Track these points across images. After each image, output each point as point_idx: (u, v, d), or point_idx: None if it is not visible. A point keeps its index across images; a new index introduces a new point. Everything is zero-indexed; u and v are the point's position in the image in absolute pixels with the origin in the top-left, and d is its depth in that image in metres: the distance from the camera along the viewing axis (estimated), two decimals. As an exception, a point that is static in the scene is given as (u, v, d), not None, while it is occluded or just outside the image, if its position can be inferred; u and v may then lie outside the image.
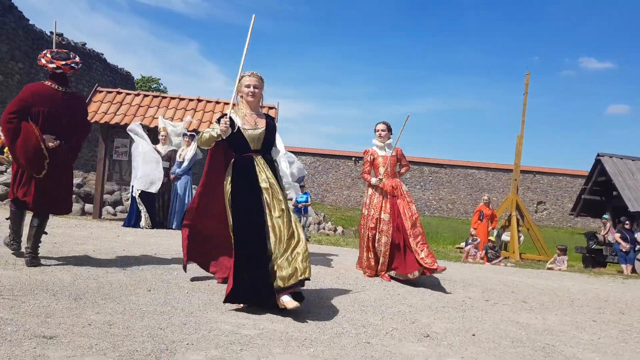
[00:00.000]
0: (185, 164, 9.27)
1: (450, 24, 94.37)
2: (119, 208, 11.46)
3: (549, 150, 75.66)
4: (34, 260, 4.40)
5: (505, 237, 13.82)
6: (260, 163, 3.91)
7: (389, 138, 5.81)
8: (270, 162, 3.99)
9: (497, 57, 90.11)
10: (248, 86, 3.96)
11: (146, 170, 8.87)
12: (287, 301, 3.57)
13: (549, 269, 10.51)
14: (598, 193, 15.56)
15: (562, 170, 33.42)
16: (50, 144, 4.40)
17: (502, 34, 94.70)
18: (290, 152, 6.65)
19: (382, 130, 5.76)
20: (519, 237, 13.64)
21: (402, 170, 5.92)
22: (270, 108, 10.98)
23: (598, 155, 15.04)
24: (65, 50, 4.72)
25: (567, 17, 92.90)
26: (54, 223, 7.43)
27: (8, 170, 11.38)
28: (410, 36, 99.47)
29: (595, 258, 12.80)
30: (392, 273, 5.52)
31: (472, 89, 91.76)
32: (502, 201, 17.50)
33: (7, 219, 4.80)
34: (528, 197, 32.30)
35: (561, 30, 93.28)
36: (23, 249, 4.55)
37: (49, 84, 4.52)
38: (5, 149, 12.68)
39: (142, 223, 8.80)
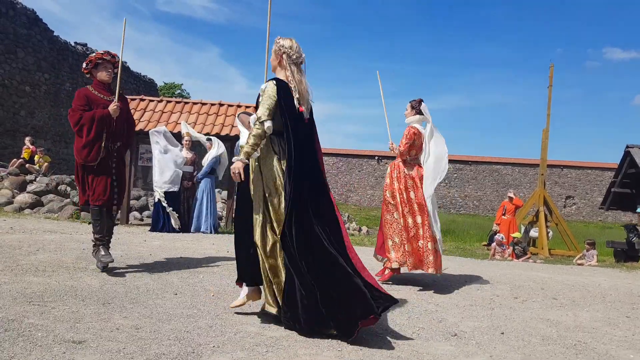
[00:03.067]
0: (204, 167, 9.36)
1: (470, 18, 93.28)
2: (146, 213, 11.63)
3: (576, 144, 74.24)
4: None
5: (533, 233, 13.55)
6: None
7: (412, 115, 5.41)
8: None
9: (519, 51, 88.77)
10: None
11: (160, 176, 8.96)
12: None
13: (578, 264, 10.27)
14: (628, 186, 15.14)
15: (590, 164, 32.65)
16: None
17: (523, 26, 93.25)
18: None
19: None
20: (548, 232, 13.36)
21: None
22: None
23: (627, 146, 14.63)
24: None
25: (589, 6, 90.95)
26: (83, 229, 7.57)
27: (37, 179, 11.66)
28: (431, 32, 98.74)
29: (627, 252, 12.46)
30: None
31: (495, 84, 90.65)
32: (529, 197, 17.20)
33: (89, 223, 4.94)
34: (556, 192, 31.66)
35: (583, 20, 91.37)
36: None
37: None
38: (36, 157, 13.01)
39: (173, 224, 8.83)
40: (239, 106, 11.49)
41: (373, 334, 3.33)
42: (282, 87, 3.40)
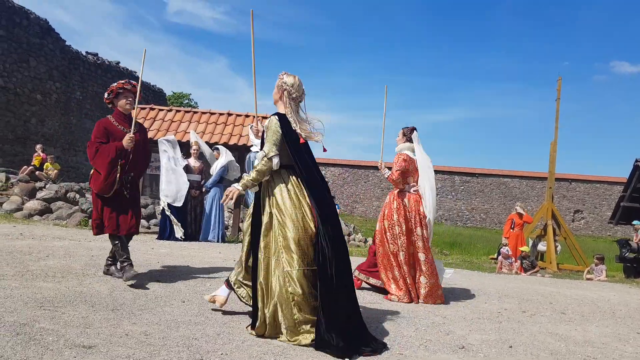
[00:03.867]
0: (213, 176, 9.40)
1: (478, 30, 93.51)
2: (153, 221, 11.67)
3: (584, 157, 73.65)
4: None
5: (541, 247, 13.48)
6: None
7: (402, 143, 5.39)
8: None
9: (527, 63, 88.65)
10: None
11: (167, 185, 8.95)
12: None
13: (587, 279, 10.19)
14: (638, 200, 15.06)
15: (599, 178, 32.47)
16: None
17: (531, 39, 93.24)
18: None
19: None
20: (556, 246, 13.29)
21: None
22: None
23: (636, 160, 14.58)
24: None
25: (597, 20, 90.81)
26: (91, 236, 7.62)
27: (47, 186, 11.75)
28: (438, 44, 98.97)
29: (637, 268, 12.36)
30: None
31: (502, 96, 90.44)
32: (537, 210, 17.13)
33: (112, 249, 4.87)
34: (564, 206, 31.48)
35: (591, 34, 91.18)
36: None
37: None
38: (46, 165, 13.12)
39: (177, 234, 8.82)
40: (247, 116, 11.59)
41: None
42: (284, 121, 3.46)
